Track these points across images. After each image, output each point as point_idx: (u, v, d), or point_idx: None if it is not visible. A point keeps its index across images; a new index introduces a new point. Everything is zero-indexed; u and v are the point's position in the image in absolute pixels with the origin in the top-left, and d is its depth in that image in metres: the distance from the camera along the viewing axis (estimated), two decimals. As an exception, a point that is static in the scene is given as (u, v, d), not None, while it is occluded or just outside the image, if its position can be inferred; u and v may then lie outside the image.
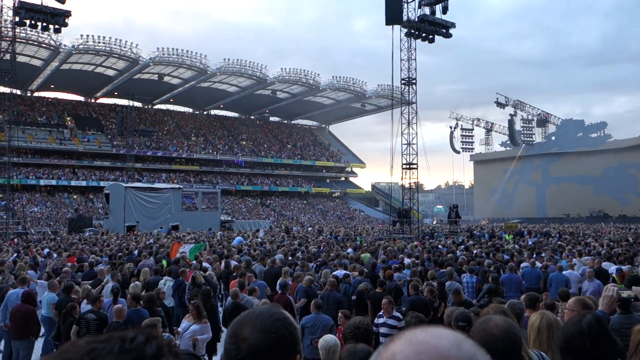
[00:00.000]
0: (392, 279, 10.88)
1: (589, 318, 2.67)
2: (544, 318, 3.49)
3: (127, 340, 0.80)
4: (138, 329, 0.84)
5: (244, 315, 1.53)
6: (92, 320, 7.75)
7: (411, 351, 0.80)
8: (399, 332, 0.83)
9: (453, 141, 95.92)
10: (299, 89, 75.42)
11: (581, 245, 19.54)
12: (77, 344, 0.80)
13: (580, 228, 42.63)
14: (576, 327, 2.63)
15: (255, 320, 1.49)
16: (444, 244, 22.73)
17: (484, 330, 2.28)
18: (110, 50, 58.28)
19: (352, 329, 3.96)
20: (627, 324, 4.63)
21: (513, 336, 2.23)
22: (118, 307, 7.65)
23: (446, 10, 35.20)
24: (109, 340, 0.80)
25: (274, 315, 1.52)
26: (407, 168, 35.39)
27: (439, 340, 0.82)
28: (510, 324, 2.28)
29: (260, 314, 1.51)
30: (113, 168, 67.81)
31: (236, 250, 19.20)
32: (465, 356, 0.79)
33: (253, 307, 1.59)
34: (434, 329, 0.86)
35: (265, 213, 72.42)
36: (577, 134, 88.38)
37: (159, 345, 0.83)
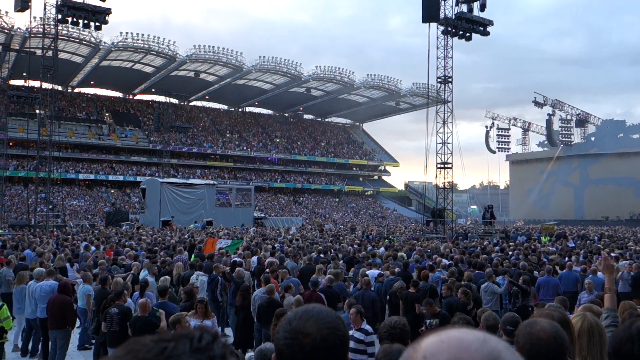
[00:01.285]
0: (427, 279, 10.78)
1: (639, 323, 2.57)
2: (585, 321, 3.37)
3: (196, 339, 0.81)
4: (201, 328, 0.84)
5: (303, 310, 1.48)
6: (115, 314, 7.80)
7: (435, 340, 0.83)
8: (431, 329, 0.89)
9: (489, 141, 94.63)
10: (333, 86, 75.39)
11: (621, 249, 18.99)
12: (143, 342, 0.79)
13: (620, 231, 41.50)
14: (625, 332, 2.54)
15: (318, 316, 1.44)
16: (479, 244, 22.41)
17: (530, 333, 2.22)
18: (149, 48, 59.34)
19: (388, 328, 3.93)
20: None
21: (561, 341, 2.17)
22: (142, 302, 7.65)
23: (484, 8, 34.68)
24: (176, 338, 0.80)
25: (333, 313, 1.49)
26: (441, 167, 35.04)
27: (465, 334, 0.83)
28: (557, 329, 2.23)
29: (321, 310, 1.47)
30: (149, 163, 69.06)
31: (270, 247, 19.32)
32: (486, 350, 0.79)
33: (308, 305, 1.54)
34: (467, 329, 0.88)
35: (297, 210, 72.71)
36: (617, 135, 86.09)
37: (225, 344, 0.84)
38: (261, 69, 67.43)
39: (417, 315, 9.21)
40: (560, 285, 11.36)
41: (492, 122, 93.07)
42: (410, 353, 0.85)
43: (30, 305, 9.97)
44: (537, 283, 11.24)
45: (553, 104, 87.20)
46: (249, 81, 73.07)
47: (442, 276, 11.66)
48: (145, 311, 7.49)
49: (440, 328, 0.84)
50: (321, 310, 1.47)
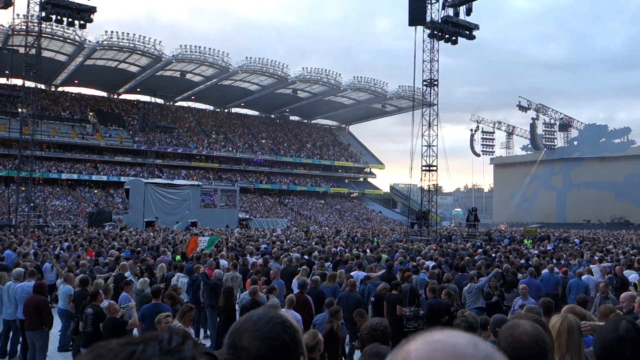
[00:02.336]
0: (410, 281, 10.81)
1: (625, 324, 2.58)
2: (565, 321, 3.44)
3: (165, 341, 0.78)
4: (171, 330, 0.81)
5: (241, 322, 1.46)
6: (89, 315, 7.73)
7: (426, 349, 0.79)
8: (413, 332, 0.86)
9: (473, 144, 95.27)
10: (319, 88, 75.43)
11: (602, 252, 19.20)
12: (110, 346, 0.76)
13: (601, 234, 42.00)
14: (614, 334, 2.55)
15: (253, 328, 1.42)
16: (463, 247, 22.54)
17: (512, 336, 2.22)
18: (134, 47, 58.93)
19: (369, 330, 3.93)
20: None
21: (542, 344, 2.18)
22: (106, 306, 7.58)
23: (470, 12, 34.97)
24: (145, 341, 0.77)
25: (272, 320, 1.45)
26: (426, 170, 35.20)
27: (455, 339, 0.80)
28: (539, 331, 2.23)
29: (258, 319, 1.44)
30: (133, 164, 68.55)
31: (254, 247, 19.27)
32: (481, 355, 0.77)
33: (250, 312, 1.51)
34: (451, 330, 0.84)
35: (283, 212, 72.59)
36: (599, 139, 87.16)
37: (195, 345, 0.81)
38: (248, 70, 67.27)
39: (399, 317, 9.24)
40: (542, 288, 11.46)
41: (477, 126, 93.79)
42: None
43: (10, 306, 9.81)
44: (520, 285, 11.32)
45: (537, 108, 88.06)
46: (235, 82, 72.85)
47: (426, 278, 11.70)
48: (114, 313, 7.43)
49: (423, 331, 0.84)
50: (259, 319, 1.44)
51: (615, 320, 2.63)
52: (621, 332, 2.47)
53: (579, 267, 13.38)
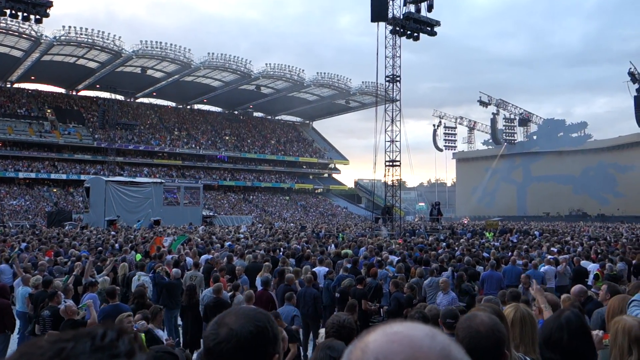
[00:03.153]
0: (376, 276, 10.88)
1: (568, 314, 2.71)
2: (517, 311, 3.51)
3: (98, 337, 0.74)
4: (106, 325, 0.78)
5: (227, 312, 1.53)
6: (47, 317, 7.51)
7: (384, 340, 0.79)
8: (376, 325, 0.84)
9: (436, 139, 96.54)
10: (283, 84, 75.22)
11: (560, 244, 19.73)
12: (38, 343, 0.73)
13: (560, 226, 43.13)
14: (555, 322, 2.68)
15: (239, 311, 1.49)
16: (427, 242, 22.81)
17: (469, 327, 2.27)
18: (93, 43, 57.58)
19: (337, 327, 3.92)
20: None
21: (498, 334, 2.23)
22: (62, 309, 7.31)
23: (431, 8, 35.31)
24: (76, 338, 0.73)
25: (258, 310, 1.53)
26: (390, 165, 35.48)
27: (412, 330, 0.81)
28: (495, 322, 2.28)
29: (244, 308, 1.54)
30: (94, 161, 67.11)
31: (219, 245, 19.12)
32: (438, 347, 0.78)
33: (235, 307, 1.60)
34: (409, 322, 0.85)
35: (247, 209, 72.21)
36: (558, 134, 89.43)
37: (132, 340, 0.78)
38: (210, 66, 66.61)
39: (364, 312, 9.30)
40: (503, 280, 11.69)
41: (439, 121, 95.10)
42: (358, 355, 0.80)
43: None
44: (481, 277, 11.53)
45: (497, 103, 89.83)
46: (198, 78, 72.05)
47: (390, 273, 11.80)
48: (72, 315, 7.23)
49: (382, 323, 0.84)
50: (247, 308, 1.54)
51: (560, 310, 2.76)
52: (562, 320, 2.61)
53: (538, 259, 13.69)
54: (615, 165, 78.65)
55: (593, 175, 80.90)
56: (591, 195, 78.94)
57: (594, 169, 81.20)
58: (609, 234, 29.46)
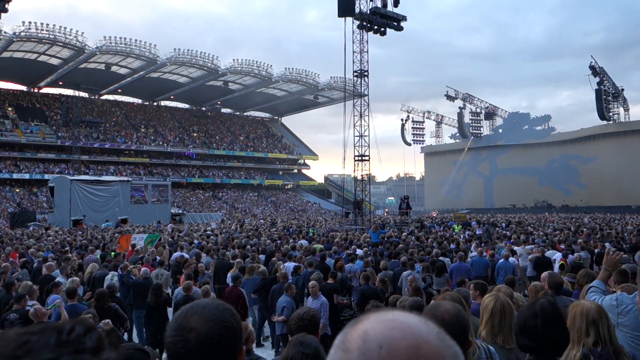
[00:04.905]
0: (343, 270, 10.94)
1: (542, 301, 2.78)
2: (497, 301, 3.58)
3: (65, 332, 0.73)
4: (75, 320, 0.71)
5: (188, 307, 1.48)
6: (15, 319, 7.30)
7: (383, 327, 0.80)
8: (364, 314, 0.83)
9: (404, 133, 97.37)
10: (251, 80, 74.82)
11: (525, 235, 20.13)
12: (5, 335, 0.71)
13: (526, 218, 44.01)
14: (530, 310, 2.74)
15: (202, 311, 1.44)
16: (396, 235, 23.02)
17: (435, 315, 2.32)
18: (54, 39, 56.29)
19: (297, 320, 3.93)
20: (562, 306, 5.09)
21: (462, 321, 2.29)
22: (32, 312, 6.96)
23: (397, 3, 35.50)
24: (43, 331, 0.72)
25: (220, 306, 1.49)
26: (359, 160, 35.63)
27: (407, 317, 0.83)
28: (459, 310, 2.34)
29: (206, 305, 1.47)
30: (58, 160, 65.64)
31: (188, 242, 18.94)
32: (434, 331, 0.81)
33: (195, 301, 1.53)
34: (396, 310, 0.87)
35: (217, 206, 71.71)
36: (522, 127, 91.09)
37: (99, 337, 0.76)
38: (176, 62, 65.82)
39: (335, 306, 9.34)
40: (471, 271, 11.88)
41: (407, 115, 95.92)
42: (359, 344, 0.79)
43: None
44: (450, 269, 11.69)
45: (464, 97, 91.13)
46: (164, 74, 71.13)
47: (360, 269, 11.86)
48: (39, 317, 7.02)
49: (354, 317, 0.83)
50: (207, 305, 1.47)
51: (535, 299, 2.84)
52: (536, 308, 2.68)
53: (503, 250, 13.94)
54: (578, 157, 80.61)
55: (557, 167, 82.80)
56: (555, 187, 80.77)
57: (557, 161, 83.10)
58: (573, 224, 30.19)
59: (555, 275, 5.93)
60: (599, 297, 4.06)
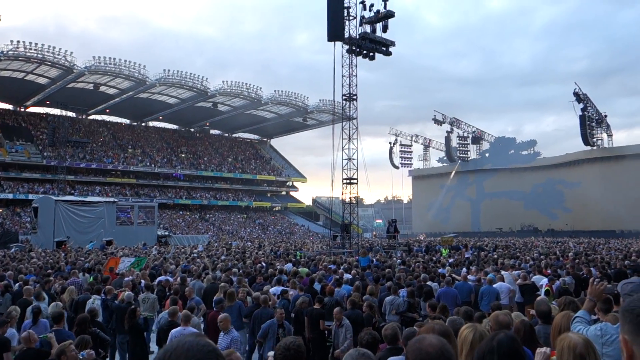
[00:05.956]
0: (332, 295, 10.84)
1: (501, 336, 2.77)
2: (476, 331, 3.56)
3: None
4: None
5: (172, 349, 1.42)
6: None
7: None
8: None
9: (392, 156, 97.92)
10: (240, 102, 75.02)
11: (512, 259, 20.13)
12: None
13: (512, 242, 44.16)
14: (488, 344, 2.74)
15: (187, 355, 1.38)
16: (383, 259, 22.94)
17: (419, 349, 2.31)
18: (43, 58, 56.17)
19: (283, 350, 3.88)
20: (545, 333, 5.30)
21: (447, 354, 2.27)
22: (25, 335, 6.87)
23: (386, 29, 35.91)
24: None
25: (204, 348, 1.43)
26: (347, 183, 35.63)
27: None
28: (443, 343, 2.32)
29: (190, 347, 1.41)
30: (43, 180, 65.00)
31: (174, 265, 18.74)
32: None
33: (178, 339, 1.45)
34: None
35: (204, 227, 71.19)
36: (509, 151, 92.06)
37: None
38: (166, 83, 65.90)
39: (322, 332, 9.23)
40: (458, 296, 11.81)
41: (395, 139, 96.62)
42: None
43: None
44: (437, 294, 11.62)
45: (451, 121, 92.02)
46: (153, 95, 71.12)
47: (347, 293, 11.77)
48: (31, 343, 6.86)
49: None
50: (191, 347, 1.41)
51: (494, 333, 2.83)
52: (494, 343, 2.67)
53: (491, 275, 13.91)
54: (563, 182, 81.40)
55: (542, 191, 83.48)
56: (541, 211, 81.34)
57: (543, 185, 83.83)
58: (558, 249, 30.32)
59: (542, 303, 5.92)
60: (584, 328, 4.06)
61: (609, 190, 72.34)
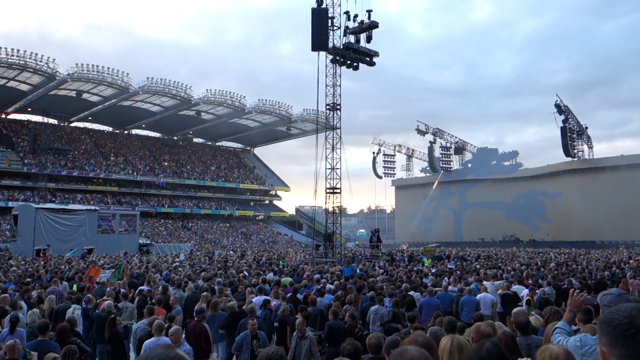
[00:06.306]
0: (315, 304, 10.82)
1: (488, 345, 2.80)
2: (454, 341, 3.60)
3: None
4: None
5: None
6: None
7: None
8: None
9: (376, 166, 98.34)
10: (224, 110, 74.85)
11: (494, 269, 20.26)
12: None
13: (494, 252, 44.47)
14: (477, 354, 2.75)
15: None
16: (365, 268, 22.95)
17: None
18: (25, 64, 55.56)
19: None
20: (526, 344, 5.38)
21: None
22: (10, 344, 6.67)
23: (370, 39, 36.17)
24: None
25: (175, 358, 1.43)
26: (330, 192, 35.67)
27: None
28: (425, 355, 2.33)
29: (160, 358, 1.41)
30: (23, 188, 64.15)
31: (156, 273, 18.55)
32: None
33: (149, 351, 1.44)
34: None
35: (186, 236, 70.68)
36: (491, 162, 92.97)
37: None
38: (149, 91, 65.52)
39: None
40: (440, 306, 11.85)
41: (378, 149, 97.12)
42: None
43: None
44: (420, 304, 11.65)
45: (434, 132, 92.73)
46: (136, 103, 70.65)
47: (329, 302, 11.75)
48: (14, 353, 6.71)
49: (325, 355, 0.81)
50: (160, 358, 1.41)
51: (482, 342, 2.85)
52: (484, 352, 2.70)
53: (473, 285, 13.97)
54: (545, 193, 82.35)
55: (524, 202, 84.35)
56: (523, 222, 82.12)
57: (525, 196, 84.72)
58: (540, 259, 30.60)
59: (519, 314, 5.96)
60: (564, 339, 4.11)
61: (590, 201, 73.34)
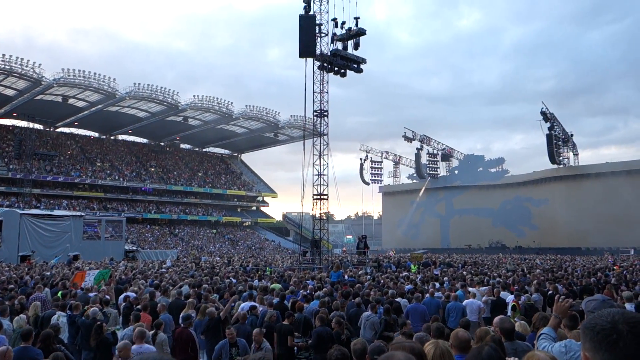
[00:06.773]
0: (302, 311, 10.80)
1: (487, 349, 2.81)
2: (437, 348, 3.62)
3: None
4: None
5: None
6: None
7: None
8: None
9: (363, 173, 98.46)
10: (211, 116, 74.69)
11: (480, 275, 20.36)
12: None
13: (481, 258, 44.67)
14: (476, 358, 2.77)
15: None
16: (353, 274, 22.95)
17: None
18: (10, 69, 55.12)
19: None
20: (512, 349, 5.32)
21: None
22: (2, 350, 6.66)
23: (358, 47, 36.32)
24: None
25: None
26: (317, 199, 35.67)
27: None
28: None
29: None
30: (8, 193, 63.42)
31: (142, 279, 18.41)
32: None
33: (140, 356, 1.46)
34: None
35: (173, 242, 70.28)
36: (477, 169, 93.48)
37: None
38: (136, 96, 65.22)
39: (290, 348, 9.19)
40: (427, 312, 11.88)
41: (366, 155, 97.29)
42: None
43: None
44: (406, 310, 11.68)
45: (421, 138, 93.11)
46: (123, 108, 70.28)
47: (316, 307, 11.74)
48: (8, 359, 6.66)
49: None
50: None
51: (481, 345, 2.87)
52: (484, 356, 2.71)
53: (459, 291, 14.04)
54: (531, 200, 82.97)
55: (510, 208, 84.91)
56: (509, 228, 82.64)
57: (511, 202, 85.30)
58: (525, 265, 30.80)
59: (505, 320, 6.00)
60: (549, 345, 4.15)
61: (575, 208, 73.97)
